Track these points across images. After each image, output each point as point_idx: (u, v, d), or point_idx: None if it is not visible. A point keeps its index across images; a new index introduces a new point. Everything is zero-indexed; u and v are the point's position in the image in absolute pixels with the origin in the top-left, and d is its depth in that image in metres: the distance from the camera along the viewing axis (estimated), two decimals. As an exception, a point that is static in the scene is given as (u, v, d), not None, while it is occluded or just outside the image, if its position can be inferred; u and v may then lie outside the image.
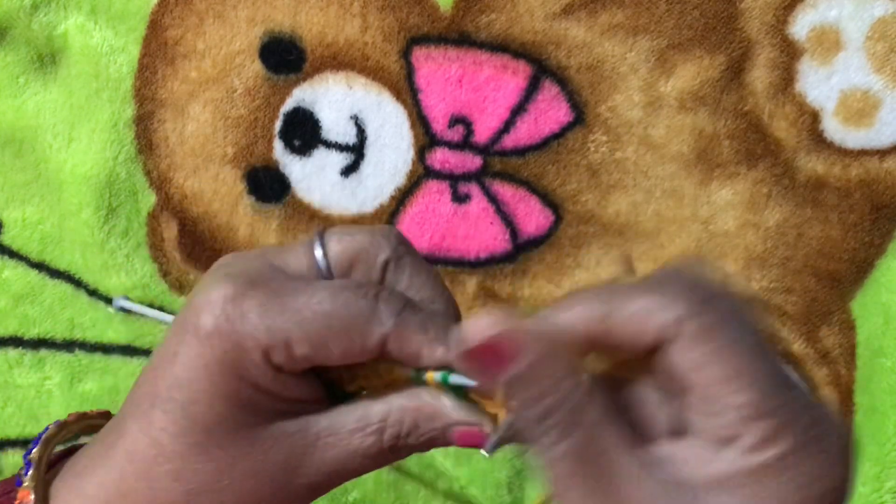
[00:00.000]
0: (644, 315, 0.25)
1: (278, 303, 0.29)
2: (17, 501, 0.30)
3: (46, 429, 0.33)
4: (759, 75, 0.58)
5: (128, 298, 0.33)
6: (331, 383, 0.32)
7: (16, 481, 0.31)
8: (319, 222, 0.60)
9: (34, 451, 0.32)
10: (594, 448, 0.25)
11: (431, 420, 0.30)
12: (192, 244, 0.60)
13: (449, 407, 0.30)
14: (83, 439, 0.34)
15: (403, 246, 0.32)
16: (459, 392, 0.31)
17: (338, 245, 0.31)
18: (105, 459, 0.30)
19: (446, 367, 0.30)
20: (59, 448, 0.33)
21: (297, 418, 0.30)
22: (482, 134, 0.59)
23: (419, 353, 0.30)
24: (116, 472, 0.30)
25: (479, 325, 0.25)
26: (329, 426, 0.30)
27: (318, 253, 0.31)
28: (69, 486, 0.31)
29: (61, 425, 0.33)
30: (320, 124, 0.59)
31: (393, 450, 0.30)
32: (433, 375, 0.31)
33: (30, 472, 0.31)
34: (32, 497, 0.30)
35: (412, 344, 0.30)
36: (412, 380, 0.31)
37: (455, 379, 0.30)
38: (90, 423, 0.34)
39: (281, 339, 0.29)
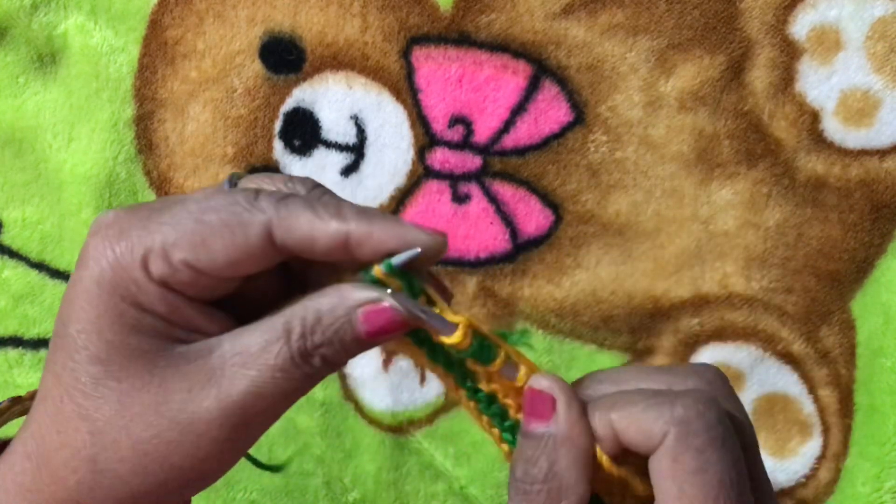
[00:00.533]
0: (641, 420, 0.27)
1: (156, 213, 0.28)
2: None
3: (0, 403, 0.32)
4: (759, 75, 0.58)
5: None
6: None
7: None
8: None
9: None
10: None
11: (333, 309, 0.28)
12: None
13: (351, 289, 0.28)
14: None
15: (320, 189, 0.30)
16: (415, 288, 0.28)
17: (250, 185, 0.30)
18: (29, 418, 0.29)
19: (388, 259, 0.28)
20: None
21: (197, 346, 0.28)
22: (482, 134, 0.59)
23: (311, 234, 0.27)
24: (36, 425, 0.29)
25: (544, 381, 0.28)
26: (233, 346, 0.28)
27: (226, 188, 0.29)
28: (2, 467, 0.30)
29: (15, 400, 0.32)
30: (320, 124, 0.59)
31: (303, 355, 0.28)
32: (378, 268, 0.28)
33: None
34: None
35: (300, 225, 0.27)
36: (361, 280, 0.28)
37: (399, 259, 0.27)
38: (27, 406, 0.33)
39: (156, 244, 0.27)
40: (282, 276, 0.30)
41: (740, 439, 0.27)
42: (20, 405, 0.33)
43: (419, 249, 0.28)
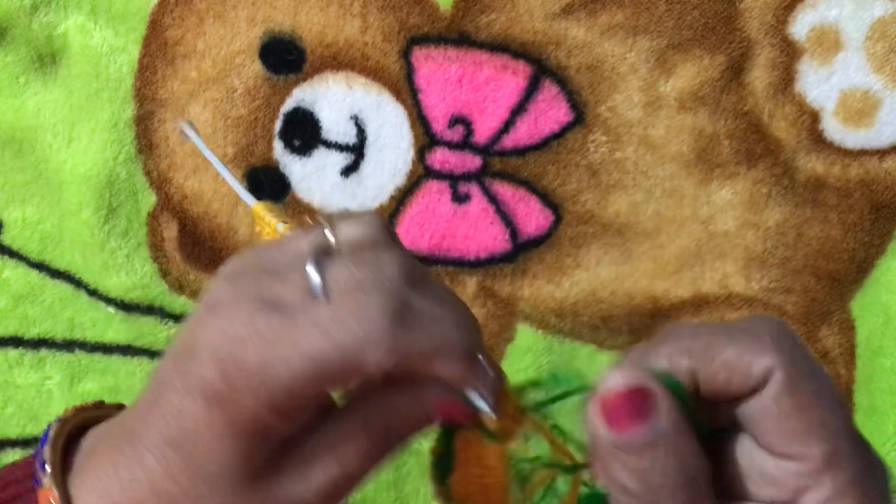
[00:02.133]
0: (737, 361, 0.25)
1: (273, 340, 0.27)
2: (43, 499, 0.30)
3: (49, 427, 0.33)
4: (759, 75, 0.58)
5: (192, 126, 0.33)
6: None
7: (33, 481, 0.31)
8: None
9: (45, 451, 0.32)
10: None
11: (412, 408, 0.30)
12: (192, 244, 0.60)
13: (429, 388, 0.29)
14: None
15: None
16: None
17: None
18: (124, 471, 0.30)
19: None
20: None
21: (293, 448, 0.29)
22: (482, 134, 0.59)
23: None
24: (138, 487, 0.29)
25: (615, 378, 0.24)
26: (323, 437, 0.29)
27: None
28: (89, 486, 0.30)
29: (63, 421, 0.33)
30: (320, 124, 0.59)
31: (383, 450, 0.30)
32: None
33: (48, 472, 0.30)
34: (56, 494, 0.30)
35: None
36: None
37: (477, 401, 0.29)
38: (88, 416, 0.34)
39: (282, 392, 0.27)
40: None
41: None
42: (84, 414, 0.34)
43: (490, 412, 0.29)
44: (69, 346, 0.60)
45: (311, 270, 0.28)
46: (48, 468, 0.31)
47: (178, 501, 0.29)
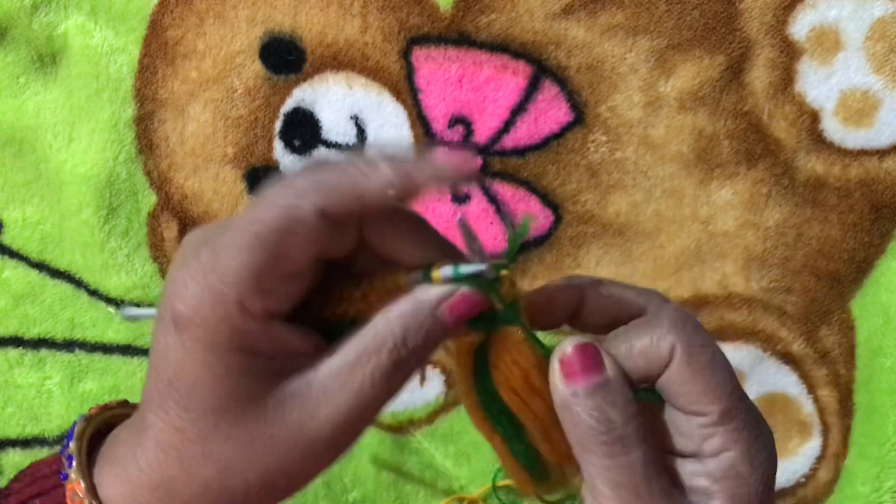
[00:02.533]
0: (650, 347, 0.31)
1: (216, 256, 0.29)
2: (70, 491, 0.31)
3: (75, 424, 0.34)
4: (759, 75, 0.58)
5: (134, 305, 0.33)
6: (324, 323, 0.31)
7: (60, 475, 0.32)
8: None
9: (71, 446, 0.33)
10: (647, 463, 0.30)
11: (417, 313, 0.30)
12: (192, 244, 0.60)
13: (425, 290, 0.30)
14: None
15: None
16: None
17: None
18: (139, 448, 0.31)
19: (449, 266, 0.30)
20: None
21: (298, 377, 0.30)
22: (482, 134, 0.59)
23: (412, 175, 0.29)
24: (153, 459, 0.30)
25: (569, 343, 0.31)
26: (329, 373, 0.30)
27: None
28: (111, 473, 0.31)
29: (87, 419, 0.34)
30: (320, 124, 0.59)
31: (399, 365, 0.30)
32: (439, 272, 0.30)
33: (73, 465, 0.32)
34: (83, 485, 0.31)
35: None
36: (418, 282, 0.30)
37: (466, 269, 0.30)
38: (113, 414, 0.35)
39: (242, 287, 0.28)
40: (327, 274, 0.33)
41: None
42: (109, 412, 0.35)
43: (487, 267, 0.30)
44: (69, 345, 0.60)
45: None
46: (74, 462, 0.32)
47: (187, 453, 0.30)
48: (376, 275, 0.31)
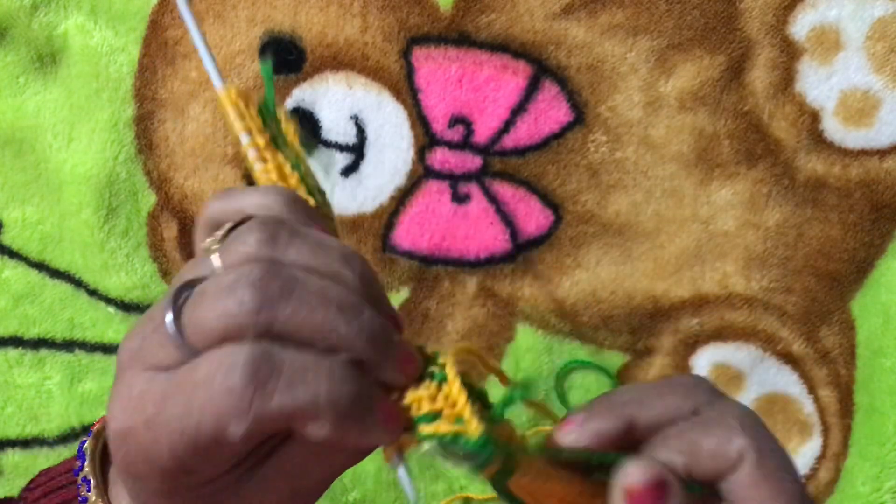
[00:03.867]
0: (718, 450, 0.29)
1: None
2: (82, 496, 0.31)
3: (83, 443, 0.33)
4: (759, 75, 0.58)
5: (173, 323, 0.32)
6: None
7: (80, 500, 0.32)
8: (319, 222, 0.60)
9: (86, 468, 0.32)
10: None
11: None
12: (192, 244, 0.60)
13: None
14: None
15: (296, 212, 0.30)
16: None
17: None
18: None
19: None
20: None
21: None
22: (482, 134, 0.59)
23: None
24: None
25: (637, 471, 0.29)
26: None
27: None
28: (122, 493, 0.31)
29: (95, 436, 0.34)
30: (320, 124, 0.59)
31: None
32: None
33: (91, 489, 0.31)
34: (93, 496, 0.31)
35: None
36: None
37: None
38: None
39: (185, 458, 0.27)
40: None
41: None
42: None
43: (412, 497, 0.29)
44: (69, 346, 0.60)
45: (168, 321, 0.27)
46: (92, 484, 0.31)
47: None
48: None
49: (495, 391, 0.29)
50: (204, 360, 0.26)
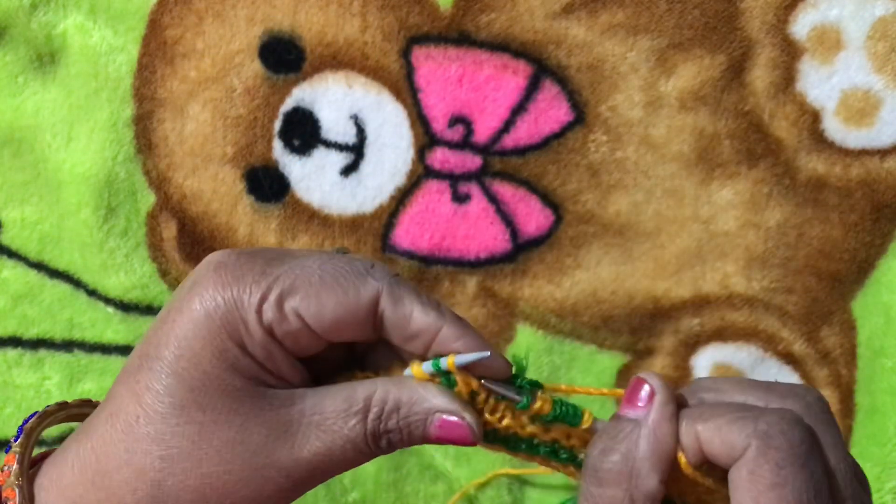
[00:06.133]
0: (725, 432, 0.28)
1: (276, 262, 0.29)
2: (4, 464, 0.30)
3: (27, 420, 0.32)
4: (760, 75, 0.58)
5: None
6: (319, 378, 0.31)
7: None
8: (319, 222, 0.60)
9: (30, 421, 0.32)
10: None
11: (414, 403, 0.30)
12: (191, 244, 0.60)
13: (433, 393, 0.30)
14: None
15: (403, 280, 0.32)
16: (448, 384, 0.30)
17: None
18: (89, 427, 0.30)
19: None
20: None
21: (284, 391, 0.29)
22: (482, 133, 0.59)
23: (412, 315, 0.30)
24: (98, 436, 0.29)
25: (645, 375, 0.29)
26: (314, 404, 0.29)
27: None
28: (49, 475, 0.30)
29: (42, 415, 0.33)
30: (320, 124, 0.59)
31: (375, 436, 0.30)
32: (421, 366, 0.30)
33: (14, 469, 0.30)
34: (17, 495, 0.29)
35: (405, 304, 0.30)
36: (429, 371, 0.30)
37: (468, 358, 0.29)
38: (72, 412, 0.34)
39: (274, 291, 0.29)
40: (346, 347, 0.32)
41: (825, 463, 0.28)
42: (68, 410, 0.34)
43: (488, 353, 0.30)
44: (68, 346, 0.60)
45: None
46: (15, 466, 0.30)
47: (137, 430, 0.29)
48: (384, 366, 0.31)
49: None
50: None
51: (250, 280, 0.29)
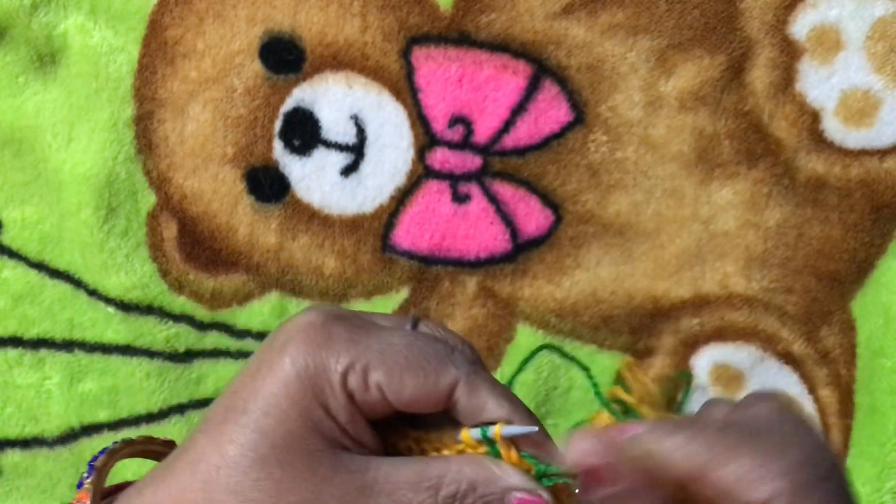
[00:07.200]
0: (740, 482, 0.27)
1: (363, 332, 0.31)
2: (76, 501, 0.31)
3: (96, 457, 0.33)
4: (760, 75, 0.58)
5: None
6: (386, 443, 0.32)
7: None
8: (319, 222, 0.60)
9: (98, 458, 0.32)
10: None
11: (489, 483, 0.31)
12: (191, 244, 0.60)
13: (508, 472, 0.31)
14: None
15: (481, 363, 0.33)
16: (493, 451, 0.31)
17: (427, 329, 0.34)
18: (167, 471, 0.31)
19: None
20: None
21: (360, 456, 0.30)
22: (482, 134, 0.59)
23: (485, 406, 0.31)
24: (176, 482, 0.30)
25: (580, 447, 0.30)
26: (388, 473, 0.30)
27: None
28: (129, 499, 0.31)
29: (111, 452, 0.34)
30: (320, 124, 0.59)
31: None
32: (498, 430, 0.31)
33: (90, 478, 0.31)
34: (89, 501, 0.31)
35: (481, 395, 0.31)
36: (477, 438, 0.31)
37: (515, 430, 0.31)
38: (153, 449, 0.35)
39: (361, 361, 0.30)
40: None
41: None
42: (151, 445, 0.35)
43: (535, 428, 0.31)
44: (68, 346, 0.60)
45: None
46: (93, 473, 0.32)
47: (217, 480, 0.29)
48: (436, 426, 0.32)
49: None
50: None
51: (339, 346, 0.30)
